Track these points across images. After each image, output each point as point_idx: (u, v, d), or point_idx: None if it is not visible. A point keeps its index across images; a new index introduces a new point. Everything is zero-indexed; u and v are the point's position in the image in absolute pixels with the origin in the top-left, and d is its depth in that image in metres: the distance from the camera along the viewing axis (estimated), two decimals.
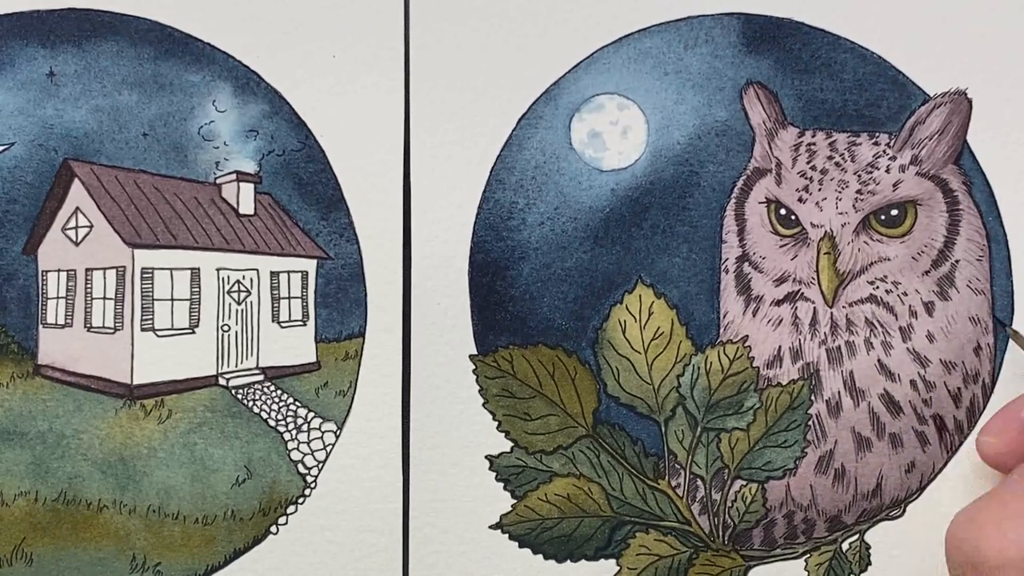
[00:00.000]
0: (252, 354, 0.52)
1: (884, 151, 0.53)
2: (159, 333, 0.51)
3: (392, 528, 0.52)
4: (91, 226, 0.51)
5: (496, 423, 0.52)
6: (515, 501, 0.53)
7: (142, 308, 0.51)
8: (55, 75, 0.50)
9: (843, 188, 0.53)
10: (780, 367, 0.53)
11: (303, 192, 0.52)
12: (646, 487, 0.53)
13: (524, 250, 0.52)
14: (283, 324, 0.52)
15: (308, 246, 0.52)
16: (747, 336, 0.53)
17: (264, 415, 0.51)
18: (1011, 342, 0.53)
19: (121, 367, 0.51)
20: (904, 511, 0.54)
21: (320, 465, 0.51)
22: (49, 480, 0.50)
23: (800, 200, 0.53)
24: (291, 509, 0.51)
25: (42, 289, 0.51)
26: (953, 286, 0.53)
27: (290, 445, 0.51)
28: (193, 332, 0.51)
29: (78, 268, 0.51)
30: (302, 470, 0.51)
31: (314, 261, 0.52)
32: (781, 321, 0.53)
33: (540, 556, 0.53)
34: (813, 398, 0.53)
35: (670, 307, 0.53)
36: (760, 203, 0.53)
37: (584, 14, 0.53)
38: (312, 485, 0.51)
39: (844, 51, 0.53)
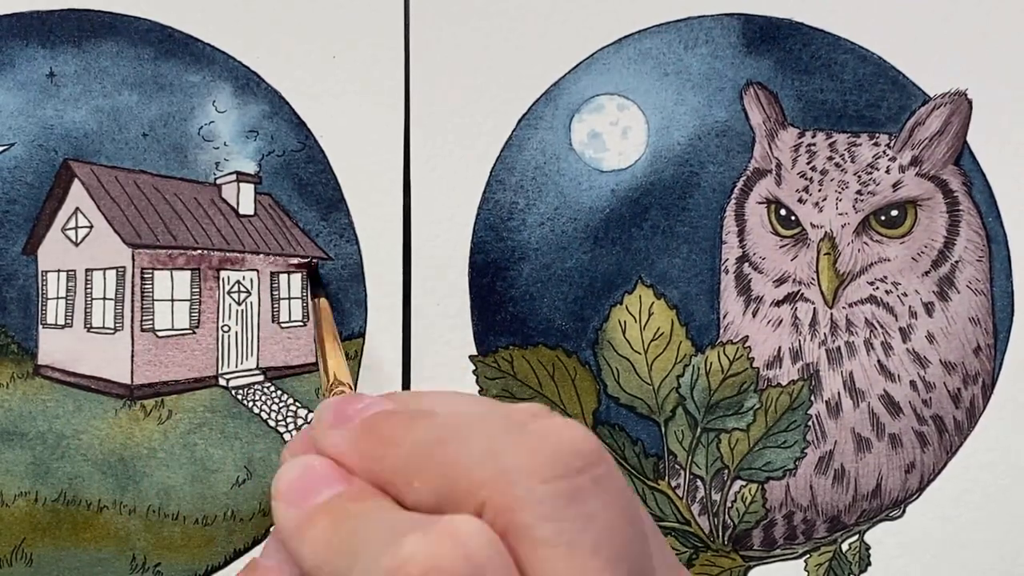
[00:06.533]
0: (252, 354, 0.52)
1: (884, 152, 0.53)
2: (159, 333, 0.51)
3: None
4: (91, 226, 0.51)
5: None
6: None
7: (142, 308, 0.51)
8: (55, 75, 0.50)
9: (843, 189, 0.53)
10: (780, 368, 0.53)
11: (303, 192, 0.52)
12: (646, 487, 0.53)
13: (524, 250, 0.52)
14: (283, 324, 0.52)
15: (308, 246, 0.52)
16: (747, 337, 0.53)
17: (264, 415, 0.51)
18: (1010, 345, 0.53)
19: (121, 367, 0.51)
20: (904, 512, 0.54)
21: None
22: (49, 480, 0.50)
23: (800, 201, 0.53)
24: None
25: (42, 289, 0.51)
26: (953, 287, 0.53)
27: None
28: (193, 332, 0.51)
29: (78, 268, 0.51)
30: None
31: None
32: (781, 322, 0.53)
33: None
34: (813, 399, 0.53)
35: (670, 307, 0.53)
36: (760, 203, 0.53)
37: (584, 14, 0.52)
38: None
39: (844, 51, 0.53)
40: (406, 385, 0.52)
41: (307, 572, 0.29)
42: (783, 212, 0.53)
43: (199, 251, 0.51)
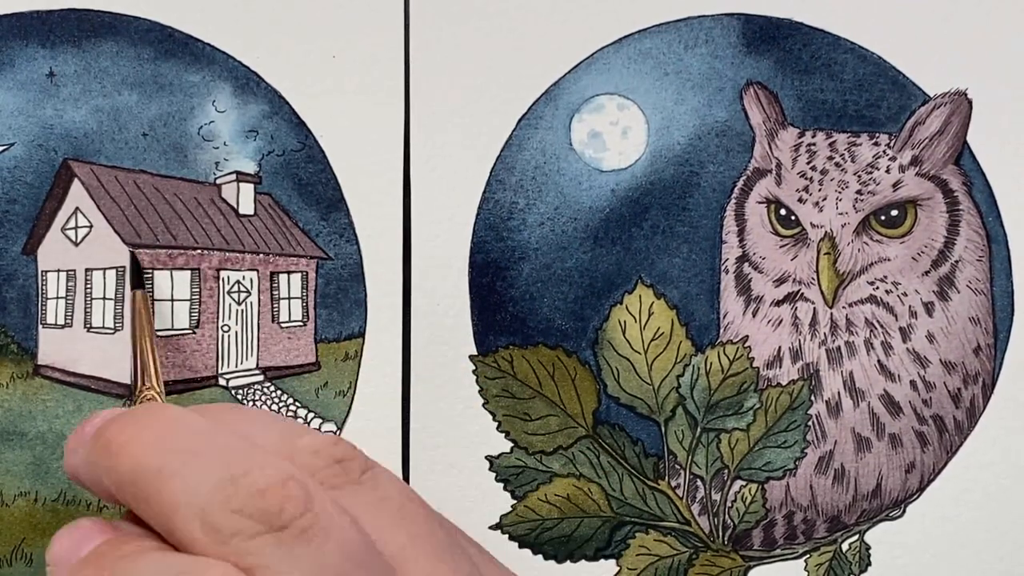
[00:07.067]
0: (252, 354, 0.52)
1: (884, 151, 0.53)
2: (159, 333, 0.51)
3: None
4: (91, 226, 0.51)
5: (496, 423, 0.52)
6: (515, 501, 0.53)
7: None
8: (55, 75, 0.50)
9: (843, 188, 0.53)
10: (780, 367, 0.53)
11: (303, 192, 0.52)
12: (646, 487, 0.53)
13: (524, 250, 0.52)
14: (283, 324, 0.52)
15: (308, 246, 0.52)
16: (747, 336, 0.53)
17: None
18: (1010, 345, 0.53)
19: (121, 367, 0.51)
20: (904, 511, 0.54)
21: None
22: (49, 480, 0.50)
23: (800, 200, 0.53)
24: None
25: (42, 289, 0.51)
26: (953, 286, 0.53)
27: None
28: (193, 332, 0.51)
29: (78, 268, 0.51)
30: None
31: (314, 261, 0.52)
32: (781, 321, 0.53)
33: (540, 556, 0.53)
34: (813, 398, 0.53)
35: (670, 307, 0.53)
36: (760, 203, 0.53)
37: (584, 14, 0.52)
38: None
39: (844, 51, 0.53)
40: (406, 385, 0.52)
41: None
42: (783, 212, 0.53)
43: (199, 251, 0.51)
